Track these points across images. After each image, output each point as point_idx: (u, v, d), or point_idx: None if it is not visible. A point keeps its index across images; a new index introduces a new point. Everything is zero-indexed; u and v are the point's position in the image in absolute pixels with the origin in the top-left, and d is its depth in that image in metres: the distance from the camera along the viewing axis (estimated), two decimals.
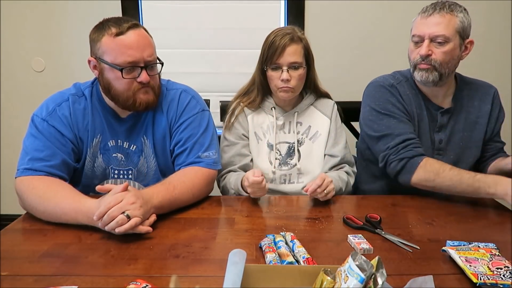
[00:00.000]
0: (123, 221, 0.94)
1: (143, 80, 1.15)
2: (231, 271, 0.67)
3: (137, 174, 1.30)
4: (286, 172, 1.46)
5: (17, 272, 0.84)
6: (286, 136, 1.48)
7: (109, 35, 1.12)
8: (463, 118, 1.38)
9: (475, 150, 1.39)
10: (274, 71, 1.39)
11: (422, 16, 1.28)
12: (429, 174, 1.23)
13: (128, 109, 1.21)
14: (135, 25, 1.15)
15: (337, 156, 1.44)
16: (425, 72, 1.29)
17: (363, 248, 0.92)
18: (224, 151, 1.45)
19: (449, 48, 1.26)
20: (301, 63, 1.38)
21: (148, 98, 1.19)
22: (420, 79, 1.31)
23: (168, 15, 2.35)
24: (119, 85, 1.15)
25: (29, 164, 1.13)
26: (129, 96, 1.16)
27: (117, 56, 1.12)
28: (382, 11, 2.32)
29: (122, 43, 1.11)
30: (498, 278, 0.78)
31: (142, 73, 1.15)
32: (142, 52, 1.13)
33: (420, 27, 1.28)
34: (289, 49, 1.36)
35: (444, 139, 1.37)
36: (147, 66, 1.16)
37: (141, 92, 1.17)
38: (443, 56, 1.26)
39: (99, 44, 1.14)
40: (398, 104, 1.36)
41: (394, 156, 1.30)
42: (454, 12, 1.25)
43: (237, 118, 1.47)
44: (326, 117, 1.49)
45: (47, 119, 1.18)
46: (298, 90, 1.43)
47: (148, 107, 1.21)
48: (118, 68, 1.12)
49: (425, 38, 1.26)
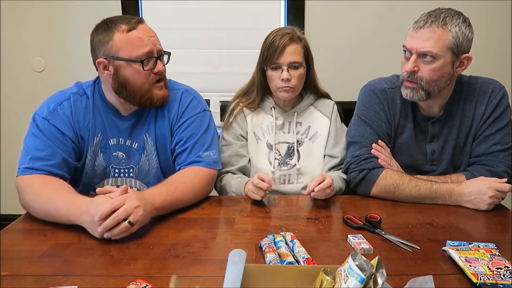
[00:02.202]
0: (126, 228, 0.94)
1: (160, 69, 1.20)
2: (231, 271, 0.67)
3: (138, 172, 1.30)
4: (286, 172, 1.46)
5: (17, 272, 0.84)
6: (286, 136, 1.48)
7: (121, 32, 1.14)
8: (457, 124, 1.31)
9: (467, 157, 1.33)
10: (274, 71, 1.39)
11: (414, 27, 1.19)
12: (389, 187, 1.23)
13: (144, 105, 1.23)
14: (140, 19, 1.19)
15: (337, 157, 1.44)
16: (410, 91, 1.22)
17: (363, 248, 0.92)
18: (221, 151, 1.45)
19: (437, 65, 1.17)
20: (301, 62, 1.38)
21: (164, 93, 1.24)
22: (405, 97, 1.25)
23: (168, 15, 2.35)
24: (137, 79, 1.17)
25: (30, 163, 1.13)
26: (145, 90, 1.19)
27: (133, 49, 1.15)
28: (382, 12, 2.31)
29: (136, 37, 1.15)
30: (498, 278, 0.78)
31: (158, 63, 1.20)
32: (155, 43, 1.19)
33: (409, 40, 1.20)
34: (289, 48, 1.36)
35: (438, 149, 1.33)
36: (160, 56, 1.21)
37: (156, 88, 1.21)
38: (430, 73, 1.18)
39: (111, 42, 1.14)
40: (381, 112, 1.33)
41: (356, 166, 1.30)
42: (447, 25, 1.15)
43: (236, 118, 1.47)
44: (326, 118, 1.49)
45: (48, 118, 1.18)
46: (298, 90, 1.43)
47: (164, 102, 1.26)
48: (139, 61, 1.15)
49: (413, 52, 1.18)
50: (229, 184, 1.37)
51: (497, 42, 2.34)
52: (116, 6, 2.29)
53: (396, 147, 1.36)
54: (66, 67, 2.38)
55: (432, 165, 1.35)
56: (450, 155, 1.33)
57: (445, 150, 1.33)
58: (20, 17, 2.34)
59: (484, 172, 1.23)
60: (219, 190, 1.43)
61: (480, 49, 2.24)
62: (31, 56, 2.39)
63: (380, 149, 1.30)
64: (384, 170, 1.26)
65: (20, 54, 2.39)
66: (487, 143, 1.28)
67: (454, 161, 1.34)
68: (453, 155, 1.33)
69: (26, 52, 2.38)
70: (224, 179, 1.41)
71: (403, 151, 1.36)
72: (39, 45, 2.38)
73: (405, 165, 1.34)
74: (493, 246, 0.91)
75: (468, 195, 1.18)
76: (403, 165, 1.34)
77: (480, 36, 1.40)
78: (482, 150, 1.28)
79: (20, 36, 2.37)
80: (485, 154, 1.27)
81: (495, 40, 2.33)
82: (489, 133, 1.28)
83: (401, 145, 1.35)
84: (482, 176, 1.21)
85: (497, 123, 1.28)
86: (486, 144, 1.28)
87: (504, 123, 1.28)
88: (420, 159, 1.35)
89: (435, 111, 1.32)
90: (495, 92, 1.29)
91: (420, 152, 1.35)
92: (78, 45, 2.31)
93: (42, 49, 2.38)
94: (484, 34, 2.27)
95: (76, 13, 2.32)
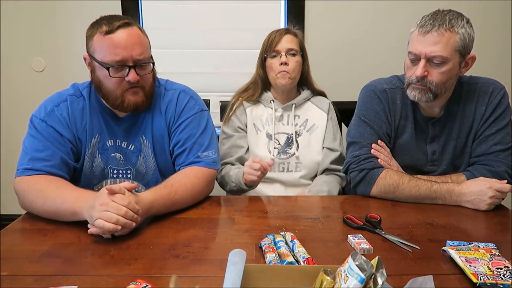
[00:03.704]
0: (130, 226, 0.96)
1: (131, 79, 1.14)
2: (231, 271, 0.67)
3: (136, 174, 1.30)
4: (285, 161, 1.50)
5: (17, 272, 0.84)
6: (285, 127, 1.53)
7: (100, 33, 1.12)
8: (457, 124, 1.31)
9: (467, 157, 1.33)
10: (273, 59, 1.48)
11: (420, 32, 1.17)
12: (389, 187, 1.23)
13: (117, 109, 1.21)
14: (126, 23, 1.13)
15: (337, 151, 1.49)
16: (418, 92, 1.22)
17: (363, 248, 0.92)
18: (222, 143, 1.52)
19: (447, 68, 1.17)
20: (297, 50, 1.48)
21: (137, 99, 1.18)
22: (413, 99, 1.24)
23: (168, 15, 2.35)
24: (108, 84, 1.15)
25: (30, 164, 1.13)
26: (117, 95, 1.16)
27: (105, 54, 1.12)
28: (382, 12, 2.31)
29: (110, 42, 1.11)
30: (498, 278, 0.78)
31: (130, 72, 1.14)
32: (131, 51, 1.12)
33: (417, 45, 1.18)
34: (286, 37, 1.49)
35: (438, 150, 1.33)
36: (136, 65, 1.14)
37: (129, 93, 1.16)
38: (440, 77, 1.18)
39: (91, 41, 1.14)
40: (381, 113, 1.33)
41: (355, 166, 1.30)
42: (454, 28, 1.15)
43: (235, 112, 1.54)
44: (323, 112, 1.55)
45: (45, 119, 1.18)
46: (295, 78, 1.50)
47: (138, 108, 1.20)
48: (105, 67, 1.12)
49: (422, 57, 1.17)
50: (228, 175, 1.43)
51: (497, 42, 2.34)
52: (116, 6, 2.29)
53: (396, 148, 1.36)
54: (66, 67, 2.38)
55: (433, 165, 1.35)
56: (450, 155, 1.33)
57: (446, 150, 1.33)
58: (20, 17, 2.34)
59: (485, 172, 1.23)
60: (219, 181, 1.48)
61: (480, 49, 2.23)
62: (31, 56, 2.39)
63: (379, 149, 1.30)
64: (384, 170, 1.26)
65: (19, 54, 2.39)
66: (488, 143, 1.28)
67: (454, 161, 1.34)
68: (453, 155, 1.33)
69: (26, 52, 2.38)
70: (223, 170, 1.47)
71: (404, 151, 1.36)
72: (39, 45, 2.38)
73: (405, 166, 1.34)
74: (493, 246, 0.91)
75: (468, 195, 1.18)
76: (404, 165, 1.34)
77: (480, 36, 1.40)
78: (483, 150, 1.28)
79: (20, 36, 2.37)
80: (485, 154, 1.27)
81: (495, 40, 2.33)
82: (489, 133, 1.28)
83: (401, 146, 1.35)
84: (483, 176, 1.21)
85: (497, 123, 1.27)
86: (486, 144, 1.28)
87: (505, 123, 1.28)
88: (421, 159, 1.35)
89: (435, 111, 1.32)
90: (495, 92, 1.29)
91: (421, 152, 1.35)
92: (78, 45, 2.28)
93: (42, 49, 2.38)
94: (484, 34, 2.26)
95: (76, 13, 2.32)
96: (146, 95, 1.20)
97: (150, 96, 1.23)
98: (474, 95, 1.31)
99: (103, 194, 0.96)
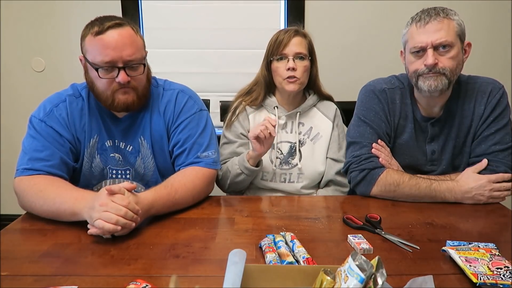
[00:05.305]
0: (130, 226, 0.96)
1: (121, 80, 1.13)
2: (231, 271, 0.67)
3: (135, 174, 1.30)
4: (287, 172, 1.46)
5: (17, 272, 0.84)
6: (288, 136, 1.48)
7: (91, 34, 1.11)
8: (456, 124, 1.31)
9: (466, 157, 1.33)
10: (279, 62, 1.40)
11: (419, 25, 1.20)
12: (389, 186, 1.24)
13: (109, 109, 1.21)
14: (118, 24, 1.12)
15: (342, 161, 1.44)
16: (434, 80, 1.20)
17: (363, 248, 0.92)
18: (223, 148, 1.47)
19: (454, 53, 1.19)
20: (306, 54, 1.40)
21: (127, 98, 1.17)
22: (428, 89, 1.21)
23: (168, 15, 2.35)
24: (99, 84, 1.15)
25: (29, 164, 1.13)
26: (108, 96, 1.16)
27: (95, 55, 1.11)
28: (382, 11, 2.32)
29: (100, 43, 1.10)
30: (498, 278, 0.78)
31: (120, 73, 1.13)
32: (121, 52, 1.11)
33: (419, 36, 1.20)
34: (295, 40, 1.39)
35: (438, 149, 1.33)
36: (127, 66, 1.13)
37: (120, 93, 1.16)
38: (450, 62, 1.19)
39: (84, 42, 1.15)
40: (381, 113, 1.34)
41: (356, 166, 1.30)
42: (449, 16, 1.19)
43: (238, 117, 1.48)
44: (328, 120, 1.49)
45: (44, 119, 1.18)
46: (303, 83, 1.43)
47: (129, 107, 1.19)
48: (95, 68, 1.12)
49: (428, 47, 1.18)
50: (229, 167, 1.40)
51: (497, 42, 2.33)
52: (116, 6, 2.29)
53: (396, 147, 1.36)
54: (66, 67, 2.38)
55: (432, 165, 1.35)
56: (449, 155, 1.33)
57: (445, 150, 1.33)
58: (20, 17, 2.34)
59: (484, 172, 1.23)
60: (221, 178, 1.44)
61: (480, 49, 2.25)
62: (31, 56, 2.39)
63: (380, 149, 1.31)
64: (385, 170, 1.26)
65: (20, 54, 2.39)
66: (487, 143, 1.28)
67: (453, 161, 1.34)
68: (452, 155, 1.33)
69: (26, 52, 2.39)
70: (223, 166, 1.43)
71: (403, 151, 1.36)
72: (39, 45, 2.38)
73: (405, 165, 1.34)
74: (493, 246, 0.91)
75: (468, 191, 1.19)
76: (403, 165, 1.34)
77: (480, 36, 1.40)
78: (482, 150, 1.28)
79: (20, 36, 2.37)
80: (484, 154, 1.27)
81: (495, 40, 2.33)
82: (488, 133, 1.28)
83: (401, 145, 1.35)
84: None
85: (496, 123, 1.27)
86: (485, 144, 1.28)
87: (504, 123, 1.27)
88: (420, 159, 1.35)
89: (435, 111, 1.32)
90: (494, 92, 1.28)
91: (420, 152, 1.35)
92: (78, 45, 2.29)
93: (42, 49, 2.39)
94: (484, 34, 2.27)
95: (76, 13, 2.32)
96: (139, 95, 1.19)
97: (144, 96, 1.22)
98: (473, 94, 1.30)
99: (103, 194, 0.96)
